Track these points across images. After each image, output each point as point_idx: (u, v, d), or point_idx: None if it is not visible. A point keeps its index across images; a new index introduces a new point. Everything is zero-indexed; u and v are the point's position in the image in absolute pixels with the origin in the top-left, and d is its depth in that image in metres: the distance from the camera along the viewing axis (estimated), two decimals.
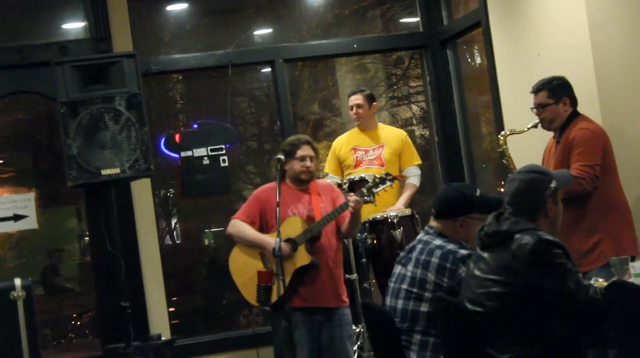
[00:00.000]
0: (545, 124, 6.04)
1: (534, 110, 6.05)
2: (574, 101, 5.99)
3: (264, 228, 6.21)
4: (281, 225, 6.06)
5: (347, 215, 6.21)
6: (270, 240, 6.03)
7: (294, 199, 6.23)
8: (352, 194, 6.17)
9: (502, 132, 6.43)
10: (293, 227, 6.11)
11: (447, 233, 4.84)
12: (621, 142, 6.26)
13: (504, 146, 6.35)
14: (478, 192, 4.91)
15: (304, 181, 6.29)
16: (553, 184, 4.38)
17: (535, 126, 6.13)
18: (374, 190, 6.32)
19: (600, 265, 5.57)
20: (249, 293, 6.18)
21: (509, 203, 4.39)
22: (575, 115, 5.96)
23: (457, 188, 4.99)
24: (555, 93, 5.95)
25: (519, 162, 6.20)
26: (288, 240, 6.08)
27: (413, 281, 4.77)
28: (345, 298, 6.31)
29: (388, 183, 6.34)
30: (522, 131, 6.34)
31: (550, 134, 6.15)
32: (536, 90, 6.03)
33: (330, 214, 6.17)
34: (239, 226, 6.24)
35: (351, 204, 6.05)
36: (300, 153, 6.23)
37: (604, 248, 5.68)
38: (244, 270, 6.22)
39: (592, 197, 5.72)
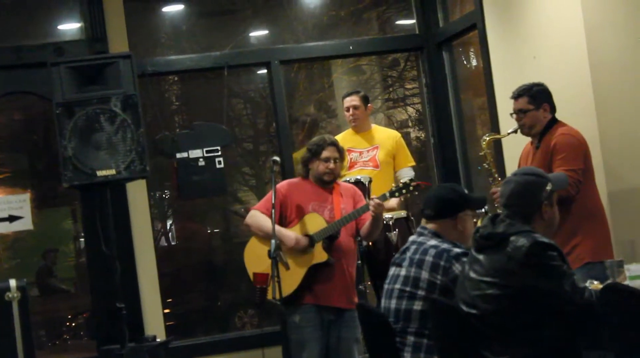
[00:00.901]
0: (525, 129, 6.06)
1: (514, 116, 6.07)
2: (553, 108, 6.02)
3: (282, 222, 6.25)
4: (301, 220, 6.18)
5: (366, 218, 6.28)
6: (288, 233, 6.08)
7: (316, 196, 6.29)
8: (374, 197, 6.22)
9: (484, 137, 6.46)
10: (313, 223, 6.19)
11: (442, 232, 4.87)
12: (617, 144, 6.28)
13: (486, 150, 6.38)
14: (465, 190, 5.01)
15: (326, 183, 6.34)
16: (549, 187, 4.39)
17: (515, 132, 6.16)
18: (397, 195, 6.40)
19: (576, 266, 5.59)
20: None
21: (504, 205, 4.40)
22: (554, 121, 5.99)
23: (449, 187, 5.09)
24: (535, 99, 5.99)
25: (502, 166, 6.25)
26: (306, 236, 6.17)
27: (406, 280, 4.78)
28: (356, 300, 6.34)
29: (412, 189, 6.41)
30: (503, 136, 6.46)
31: (527, 139, 6.17)
32: (516, 96, 6.06)
33: (350, 214, 6.25)
34: (257, 217, 6.28)
35: (372, 208, 6.11)
36: (325, 154, 6.29)
37: (581, 251, 5.74)
38: (258, 261, 6.22)
39: (574, 201, 5.74)
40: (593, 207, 5.87)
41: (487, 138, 6.43)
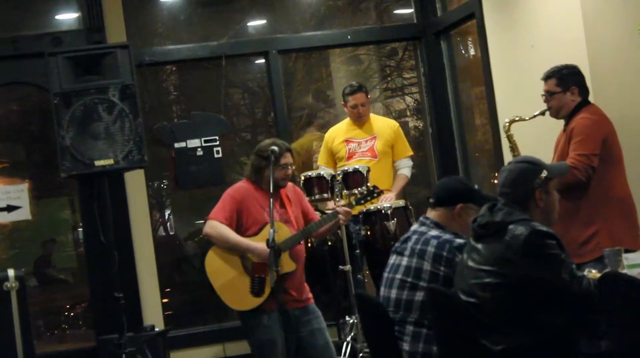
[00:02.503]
0: (552, 112, 6.00)
1: (543, 97, 6.03)
2: (583, 90, 5.94)
3: (239, 230, 6.18)
4: (262, 231, 6.11)
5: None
6: (256, 244, 6.03)
7: (267, 203, 6.22)
8: (341, 204, 6.30)
9: (507, 119, 6.35)
10: (278, 233, 5.97)
11: (443, 222, 4.85)
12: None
13: (509, 133, 6.29)
14: (476, 186, 4.97)
15: (280, 187, 6.26)
16: (543, 174, 4.39)
17: (542, 114, 6.07)
18: (362, 202, 6.59)
19: (595, 256, 5.52)
20: (230, 296, 6.16)
21: (500, 194, 4.41)
22: (583, 104, 5.93)
23: (456, 177, 5.10)
24: (563, 82, 5.92)
25: (524, 151, 6.19)
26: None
27: (408, 270, 4.77)
28: (310, 295, 6.39)
29: (375, 196, 6.65)
30: (528, 119, 6.26)
31: (556, 123, 6.12)
32: (546, 77, 5.99)
33: (317, 223, 6.30)
34: (219, 228, 6.15)
35: (342, 217, 6.27)
36: (283, 161, 6.18)
37: (600, 240, 5.65)
38: (223, 272, 6.17)
39: (590, 188, 5.68)
40: (615, 194, 5.78)
41: (509, 120, 6.30)
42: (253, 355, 6.34)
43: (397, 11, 9.64)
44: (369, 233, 7.23)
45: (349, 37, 8.94)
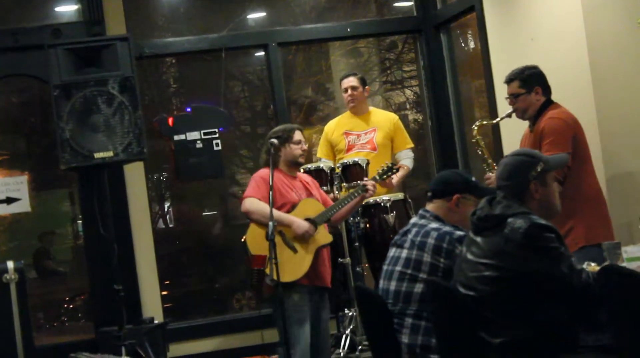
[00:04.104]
0: (519, 113, 6.08)
1: (508, 100, 6.08)
2: (546, 90, 6.01)
3: None
4: (298, 206, 6.26)
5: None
6: (294, 218, 6.15)
7: (293, 185, 6.35)
8: (367, 179, 6.57)
9: (475, 124, 6.47)
10: (311, 208, 6.29)
11: (442, 215, 4.86)
12: (614, 127, 6.28)
13: (477, 137, 6.39)
14: (473, 178, 4.97)
15: (299, 165, 6.49)
16: (540, 167, 4.39)
17: (509, 116, 6.18)
18: (384, 177, 6.70)
19: (572, 251, 5.58)
20: (281, 271, 6.19)
21: (498, 187, 4.41)
22: (548, 104, 5.98)
23: (453, 170, 5.11)
24: (526, 83, 5.98)
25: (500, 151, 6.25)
26: (307, 220, 6.23)
27: (408, 262, 4.78)
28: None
29: (395, 171, 6.79)
30: (494, 122, 6.49)
31: (525, 123, 6.16)
32: (508, 80, 6.07)
33: (347, 196, 6.46)
34: (257, 204, 6.23)
35: (370, 188, 6.44)
36: (296, 137, 6.40)
37: (576, 235, 5.74)
38: (265, 246, 6.20)
39: (564, 185, 5.72)
40: (588, 190, 5.85)
41: (477, 125, 6.45)
42: (278, 327, 6.34)
43: (396, 4, 9.63)
44: (368, 225, 7.23)
45: (348, 29, 8.93)
